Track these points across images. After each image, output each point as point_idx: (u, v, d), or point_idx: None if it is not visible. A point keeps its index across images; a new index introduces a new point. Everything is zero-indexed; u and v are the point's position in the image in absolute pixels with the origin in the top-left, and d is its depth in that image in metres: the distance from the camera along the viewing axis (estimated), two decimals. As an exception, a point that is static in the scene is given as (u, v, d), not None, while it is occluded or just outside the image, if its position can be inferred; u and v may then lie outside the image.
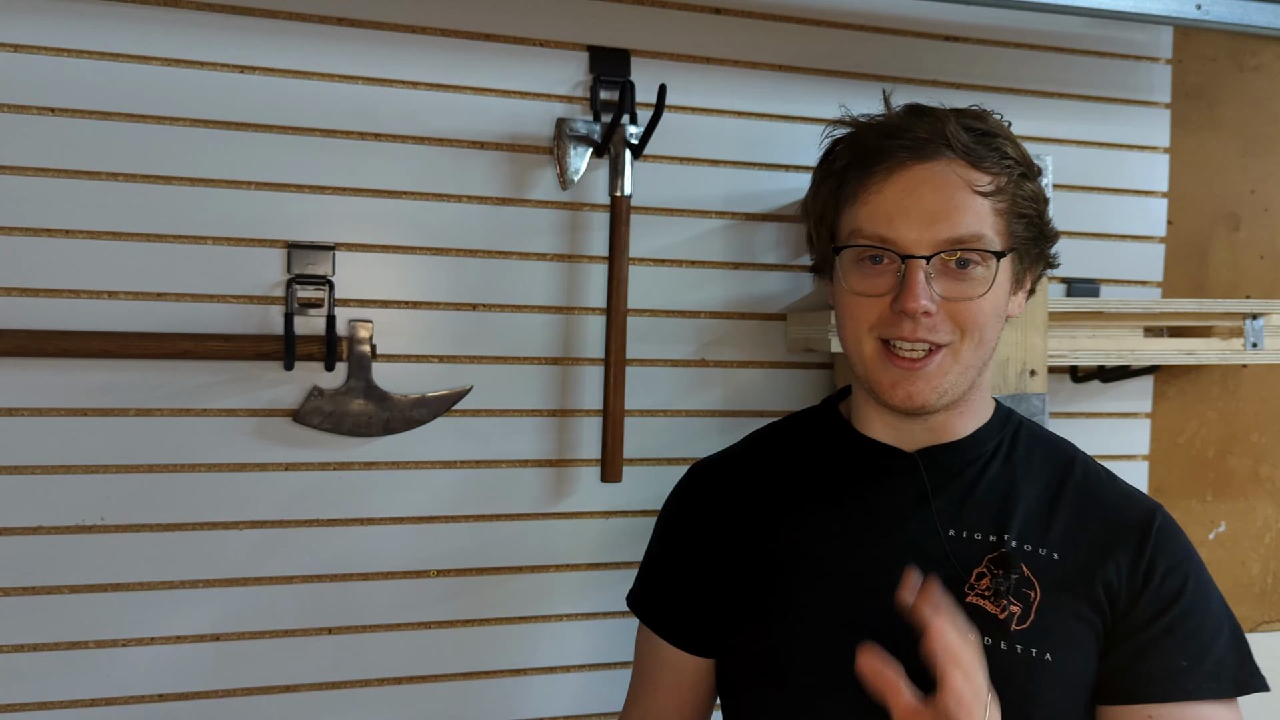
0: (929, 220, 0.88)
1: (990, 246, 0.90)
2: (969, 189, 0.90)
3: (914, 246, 0.89)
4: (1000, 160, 0.91)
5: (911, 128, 0.91)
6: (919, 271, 0.88)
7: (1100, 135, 1.58)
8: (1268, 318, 1.43)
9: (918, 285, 0.88)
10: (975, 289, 0.90)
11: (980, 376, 0.95)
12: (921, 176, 0.90)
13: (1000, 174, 0.91)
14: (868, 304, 0.92)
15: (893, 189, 0.90)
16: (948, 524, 0.94)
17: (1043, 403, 1.29)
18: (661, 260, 1.40)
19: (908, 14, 1.48)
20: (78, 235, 1.21)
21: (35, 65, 1.18)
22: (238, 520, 1.27)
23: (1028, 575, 0.90)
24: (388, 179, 1.30)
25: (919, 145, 0.90)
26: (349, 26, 1.28)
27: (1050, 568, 0.91)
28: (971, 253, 0.89)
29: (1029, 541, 0.92)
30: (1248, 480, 1.71)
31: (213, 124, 1.24)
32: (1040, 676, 0.88)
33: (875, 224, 0.90)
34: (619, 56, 1.37)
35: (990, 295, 0.90)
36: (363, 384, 1.28)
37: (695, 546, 1.05)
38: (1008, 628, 0.89)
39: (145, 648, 1.24)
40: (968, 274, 0.90)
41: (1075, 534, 0.93)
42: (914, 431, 0.98)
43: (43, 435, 1.20)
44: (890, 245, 0.90)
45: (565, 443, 1.38)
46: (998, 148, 0.92)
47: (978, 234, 0.89)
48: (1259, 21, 1.46)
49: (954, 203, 0.89)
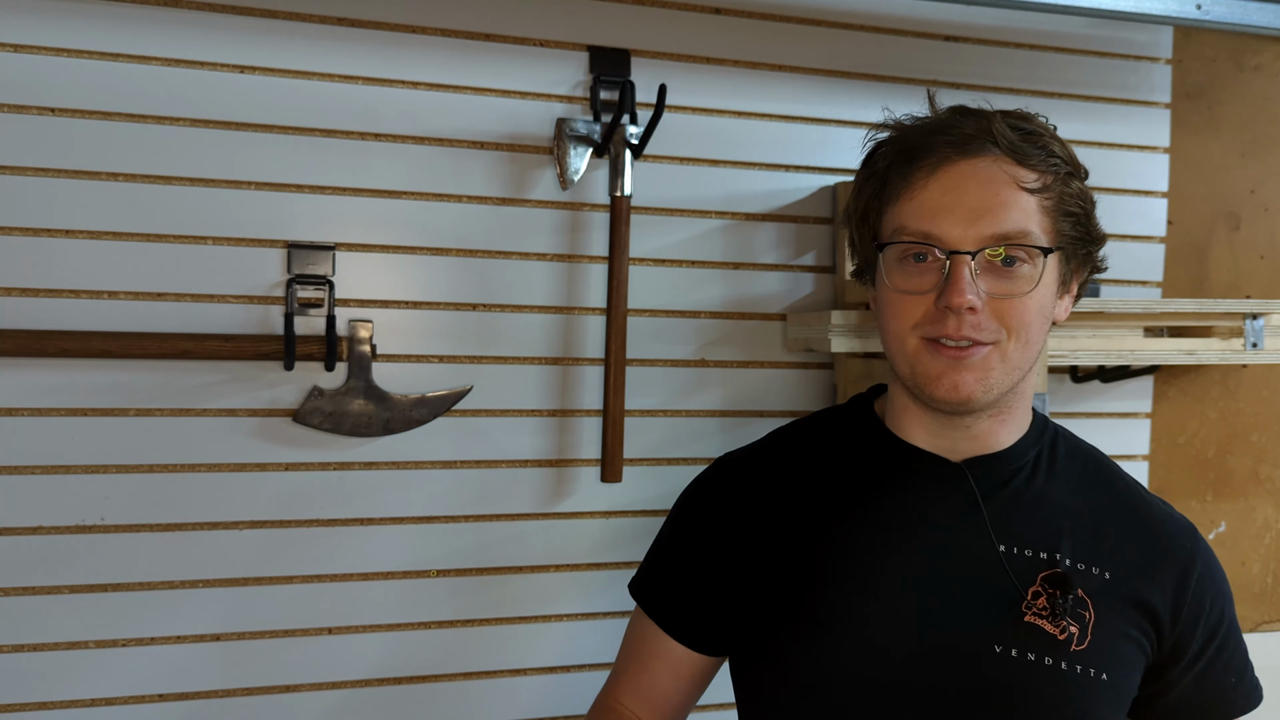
0: (974, 216, 0.87)
1: (1037, 243, 0.88)
2: (1015, 185, 0.88)
3: (959, 242, 0.87)
4: (1047, 158, 0.90)
5: (957, 124, 0.90)
6: (964, 267, 0.86)
7: (1100, 135, 1.58)
8: (1268, 318, 1.43)
9: (963, 280, 0.86)
10: (1021, 286, 0.88)
11: (1024, 381, 0.93)
12: (966, 172, 0.88)
13: (1047, 172, 0.90)
14: (911, 302, 0.89)
15: (937, 185, 0.89)
16: (999, 538, 0.92)
17: (1043, 403, 1.29)
18: (661, 260, 1.40)
19: (907, 14, 1.48)
20: (78, 235, 1.21)
21: (35, 65, 1.19)
22: (238, 520, 1.27)
23: (1082, 596, 0.90)
24: (388, 179, 1.30)
25: (964, 141, 0.89)
26: (349, 26, 1.28)
27: (1102, 588, 0.91)
28: (1018, 249, 0.88)
29: (1081, 560, 0.92)
30: (1248, 480, 1.71)
31: (213, 124, 1.24)
32: (1101, 696, 0.89)
33: (920, 220, 0.89)
34: (619, 56, 1.37)
35: (1036, 293, 0.89)
36: (363, 384, 1.28)
37: (717, 542, 1.01)
38: (1068, 648, 0.89)
39: (145, 648, 1.24)
40: (1014, 271, 0.88)
41: (1122, 553, 0.94)
42: (956, 440, 0.96)
43: (43, 435, 1.20)
44: (935, 241, 0.88)
45: (565, 443, 1.38)
46: (1044, 145, 0.91)
47: (1024, 230, 0.88)
48: (1259, 21, 1.46)
49: (1000, 199, 0.88)
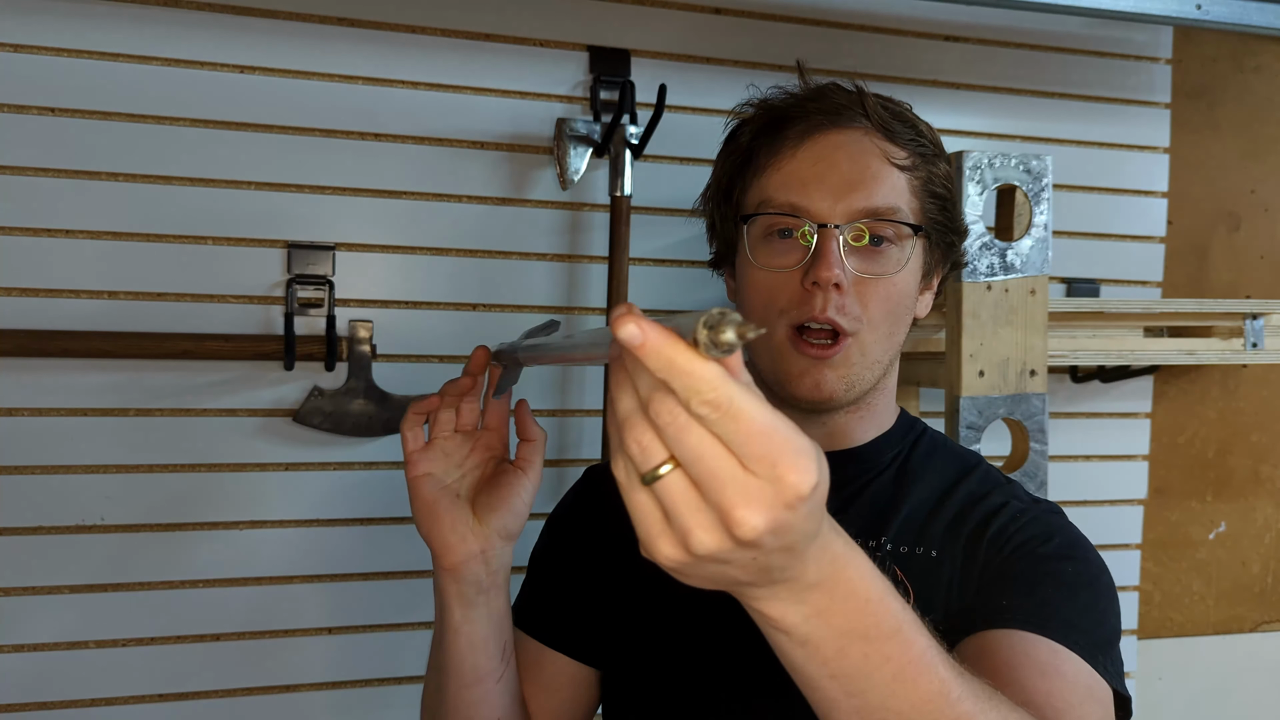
0: (845, 189, 0.83)
1: (906, 220, 0.84)
2: (886, 160, 0.85)
3: (828, 215, 0.82)
4: (916, 136, 0.87)
5: (828, 94, 0.87)
6: (833, 241, 0.82)
7: (1100, 135, 1.58)
8: (1268, 318, 1.43)
9: (832, 255, 0.81)
10: (888, 267, 0.84)
11: (886, 377, 0.89)
12: (837, 142, 0.85)
13: (916, 151, 0.87)
14: (777, 281, 0.84)
15: (807, 154, 0.85)
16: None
17: (1043, 403, 1.29)
18: (661, 260, 1.40)
19: (908, 14, 1.48)
20: (78, 235, 1.21)
21: (35, 65, 1.18)
22: (238, 520, 1.27)
23: (900, 579, 0.82)
24: (388, 179, 1.30)
25: (836, 110, 0.85)
26: (349, 26, 1.28)
27: (929, 566, 0.83)
28: (886, 226, 0.84)
29: (905, 543, 0.85)
30: (1248, 480, 1.71)
31: (213, 124, 1.24)
32: None
33: (787, 191, 0.84)
34: (619, 56, 1.37)
35: (902, 276, 0.85)
36: (363, 384, 1.28)
37: (582, 551, 0.96)
38: None
39: (145, 647, 1.24)
40: (881, 252, 0.84)
41: (956, 531, 0.85)
42: (811, 437, 0.88)
43: (43, 435, 1.20)
44: (803, 213, 0.83)
45: (565, 443, 1.38)
46: (913, 124, 0.88)
47: (894, 206, 0.84)
48: (1259, 21, 1.46)
49: (871, 171, 0.84)
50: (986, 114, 1.54)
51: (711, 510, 0.43)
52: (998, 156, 1.26)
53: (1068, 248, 1.56)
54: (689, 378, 0.40)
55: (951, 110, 1.52)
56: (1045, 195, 1.29)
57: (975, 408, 1.26)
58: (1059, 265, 1.55)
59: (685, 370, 0.40)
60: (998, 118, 1.54)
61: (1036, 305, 1.32)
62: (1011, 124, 1.55)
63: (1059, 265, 1.55)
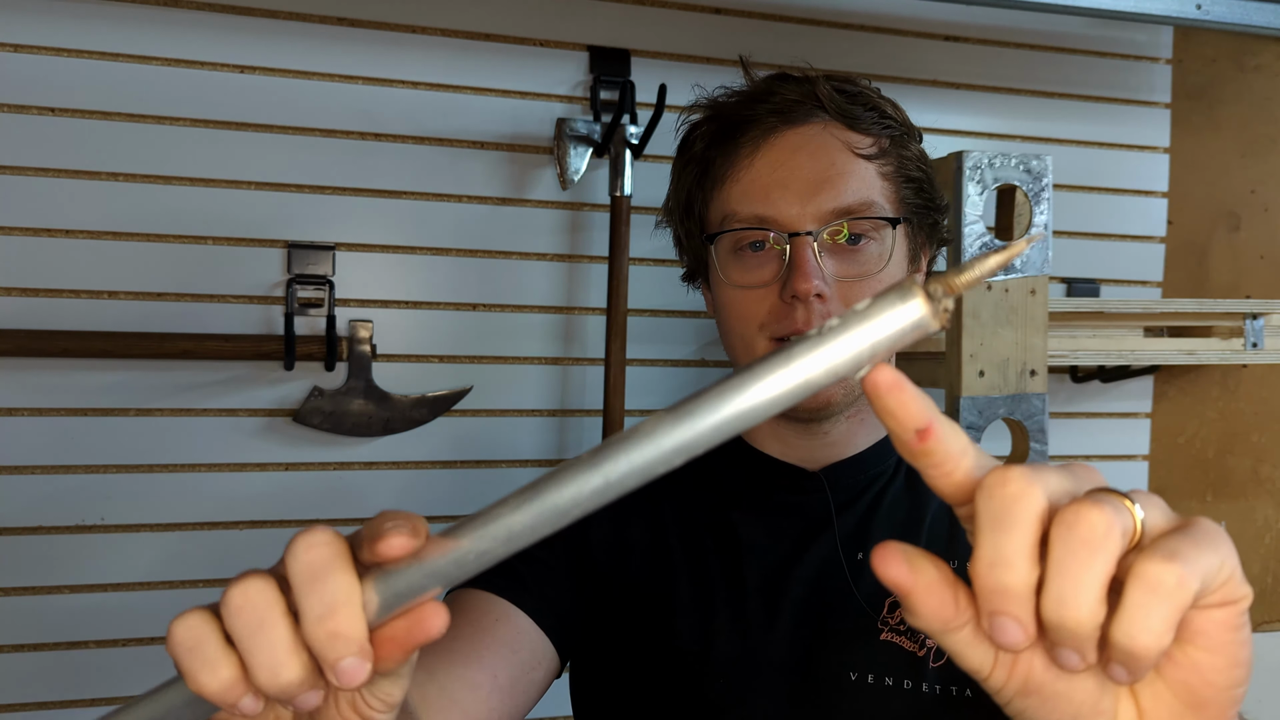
0: (811, 191, 0.77)
1: (882, 213, 0.79)
2: (850, 152, 0.79)
3: (797, 222, 0.77)
4: (880, 118, 0.81)
5: (777, 91, 0.81)
6: (807, 249, 0.76)
7: (1100, 135, 1.58)
8: (1268, 318, 1.43)
9: (808, 264, 0.76)
10: (871, 265, 0.79)
11: None
12: (795, 143, 0.79)
13: (881, 135, 0.81)
14: (753, 298, 0.79)
15: (765, 161, 0.79)
16: (857, 549, 0.81)
17: (1043, 403, 1.29)
18: (661, 260, 1.40)
19: (908, 14, 1.48)
20: (78, 235, 1.21)
21: (35, 65, 1.18)
22: (238, 520, 1.27)
23: None
24: (388, 179, 1.30)
25: (788, 108, 0.80)
26: (349, 26, 1.28)
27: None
28: (863, 223, 0.78)
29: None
30: (1248, 480, 1.71)
31: (213, 124, 1.24)
32: (968, 718, 0.76)
33: (751, 203, 0.79)
34: (619, 56, 1.37)
35: (888, 272, 0.79)
36: (363, 384, 1.28)
37: (584, 551, 0.88)
38: (927, 666, 0.76)
39: (145, 648, 1.24)
40: (861, 250, 0.79)
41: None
42: (813, 448, 0.85)
43: (43, 435, 1.20)
44: (770, 224, 0.78)
45: (565, 443, 1.38)
46: (875, 106, 0.82)
47: (867, 201, 0.78)
48: (1259, 21, 1.46)
49: (836, 168, 0.78)
50: (986, 114, 1.54)
51: None
52: (998, 156, 1.26)
53: (1068, 248, 1.56)
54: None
55: (951, 110, 1.52)
56: (1045, 195, 1.29)
57: (975, 408, 1.27)
58: (1059, 265, 1.55)
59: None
60: (998, 118, 1.54)
61: (1037, 305, 1.32)
62: (1011, 124, 1.55)
63: (1059, 265, 1.55)
